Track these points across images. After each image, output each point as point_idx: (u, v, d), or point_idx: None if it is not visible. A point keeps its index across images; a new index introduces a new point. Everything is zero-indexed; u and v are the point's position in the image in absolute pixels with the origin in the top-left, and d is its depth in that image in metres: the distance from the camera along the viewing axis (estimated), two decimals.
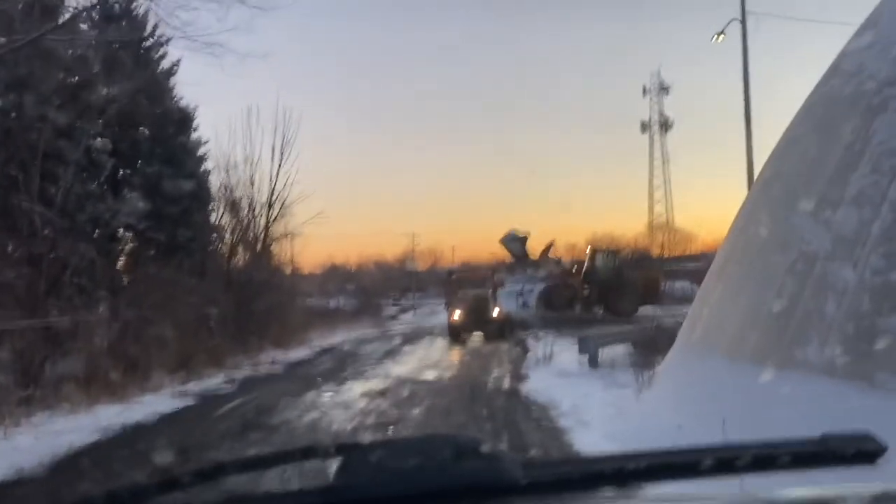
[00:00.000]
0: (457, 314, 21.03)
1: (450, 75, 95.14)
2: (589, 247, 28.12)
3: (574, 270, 26.96)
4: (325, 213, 22.40)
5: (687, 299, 34.54)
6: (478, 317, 20.58)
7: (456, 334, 20.90)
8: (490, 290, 22.21)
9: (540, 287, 26.73)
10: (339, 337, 23.94)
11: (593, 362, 12.07)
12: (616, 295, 25.34)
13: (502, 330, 20.30)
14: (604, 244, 30.12)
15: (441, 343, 21.27)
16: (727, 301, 7.25)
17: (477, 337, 21.06)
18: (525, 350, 16.53)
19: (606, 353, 12.30)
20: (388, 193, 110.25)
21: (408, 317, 53.05)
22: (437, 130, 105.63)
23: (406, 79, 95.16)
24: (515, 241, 28.26)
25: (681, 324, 9.47)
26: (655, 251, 42.13)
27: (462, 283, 22.86)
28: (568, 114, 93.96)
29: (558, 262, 28.21)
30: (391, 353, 17.66)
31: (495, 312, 21.16)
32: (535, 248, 29.31)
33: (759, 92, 37.15)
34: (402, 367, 14.36)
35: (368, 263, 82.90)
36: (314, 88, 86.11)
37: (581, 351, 12.67)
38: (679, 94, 64.00)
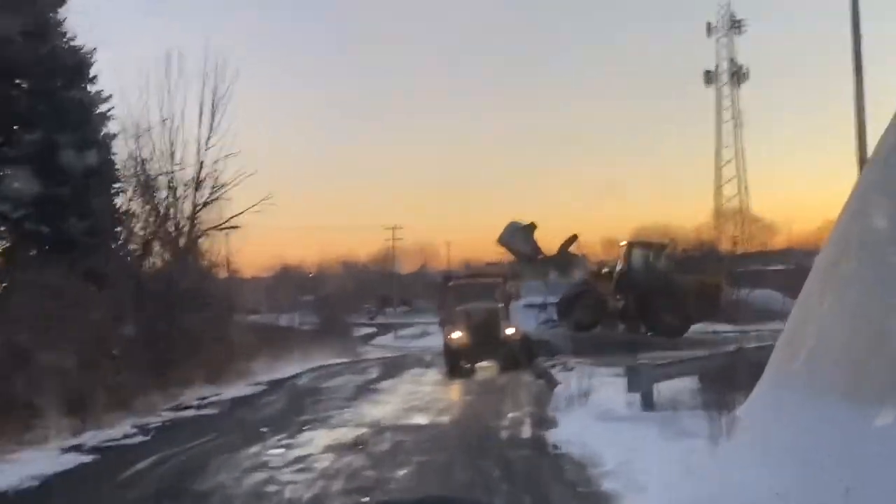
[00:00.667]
0: (456, 335, 21.05)
1: (443, 21, 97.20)
2: (624, 242, 27.89)
3: (603, 273, 26.90)
4: (273, 197, 22.05)
5: (768, 312, 34.96)
6: (485, 338, 20.63)
7: (455, 362, 21.00)
8: (501, 302, 22.17)
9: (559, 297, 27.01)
10: (295, 367, 23.87)
11: (647, 402, 12.01)
12: (659, 306, 25.35)
13: (518, 356, 20.43)
14: (647, 238, 30.32)
15: (435, 375, 21.19)
16: (842, 317, 6.94)
17: (484, 366, 21.13)
18: (551, 384, 16.63)
19: (664, 388, 12.20)
20: (362, 175, 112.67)
21: (388, 338, 52.72)
22: (428, 95, 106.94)
23: (385, 26, 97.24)
24: (517, 235, 27.85)
25: (765, 347, 9.31)
26: (724, 247, 42.02)
27: (463, 292, 22.72)
28: (601, 67, 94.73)
29: (582, 261, 27.90)
30: (366, 390, 17.82)
31: (509, 331, 21.26)
32: (548, 244, 29.17)
33: (873, 32, 36.28)
34: (382, 409, 14.45)
35: (334, 265, 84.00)
36: (260, 36, 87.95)
37: (631, 386, 12.45)
38: (756, 35, 64.04)
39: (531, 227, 27.18)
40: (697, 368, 12.90)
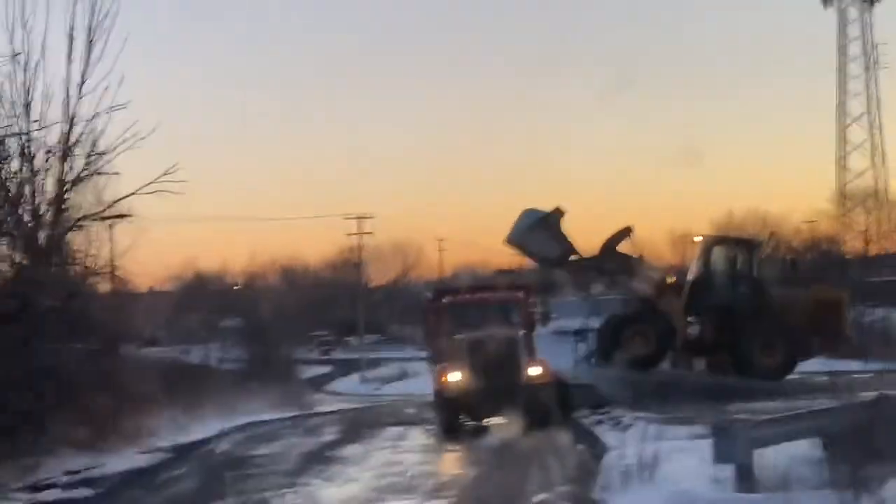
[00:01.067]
0: (454, 377, 21.18)
1: None
2: (700, 238, 27.82)
3: (669, 285, 26.91)
4: (182, 173, 21.58)
5: None
6: (497, 381, 20.79)
7: (452, 418, 21.18)
8: (521, 328, 22.30)
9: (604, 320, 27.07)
10: (213, 425, 23.81)
11: (745, 478, 11.93)
12: (753, 334, 25.39)
13: (547, 407, 20.53)
14: (735, 233, 30.49)
15: (422, 437, 21.24)
16: None
17: (496, 423, 21.10)
18: (596, 449, 16.70)
19: (770, 457, 12.09)
20: (313, 148, 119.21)
21: (351, 382, 53.15)
22: (412, 48, 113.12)
23: None
24: (536, 229, 27.46)
25: None
26: (850, 246, 41.98)
27: (464, 313, 22.90)
28: None
29: (638, 265, 27.81)
30: (319, 461, 17.83)
31: (533, 371, 21.34)
32: (586, 243, 28.84)
33: None
34: (344, 491, 14.46)
35: (271, 274, 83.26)
36: None
37: (719, 454, 12.24)
38: None
39: (556, 215, 26.65)
40: (819, 427, 12.82)
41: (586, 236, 29.20)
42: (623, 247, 26.92)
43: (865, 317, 33.16)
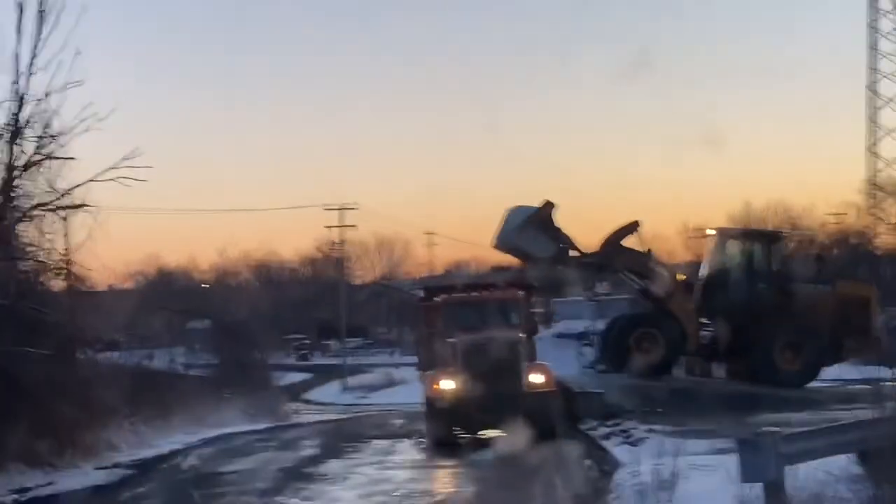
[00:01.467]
0: (447, 384, 20.83)
1: None
2: (713, 231, 27.49)
3: (681, 283, 26.47)
4: (145, 158, 20.95)
5: None
6: (496, 390, 20.38)
7: (445, 430, 20.90)
8: (522, 330, 21.86)
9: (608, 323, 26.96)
10: (179, 437, 23.75)
11: (775, 499, 11.43)
12: (773, 336, 25.01)
13: (548, 418, 20.05)
14: (752, 226, 30.53)
15: (412, 451, 21.15)
16: None
17: (493, 435, 20.71)
18: (606, 465, 16.75)
19: (803, 474, 11.68)
20: (291, 134, 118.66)
21: (331, 390, 53.07)
22: (402, 29, 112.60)
23: None
24: (526, 228, 26.67)
25: None
26: (882, 241, 41.14)
27: (458, 314, 22.38)
28: None
29: (647, 262, 27.04)
30: (298, 479, 17.57)
31: (535, 379, 20.95)
32: (591, 239, 28.23)
33: None
34: None
35: (243, 272, 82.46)
36: None
37: (746, 472, 11.69)
38: None
39: (547, 209, 25.84)
40: (860, 440, 12.44)
41: (590, 233, 28.73)
42: (629, 242, 26.42)
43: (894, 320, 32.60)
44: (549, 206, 25.56)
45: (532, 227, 25.36)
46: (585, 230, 28.90)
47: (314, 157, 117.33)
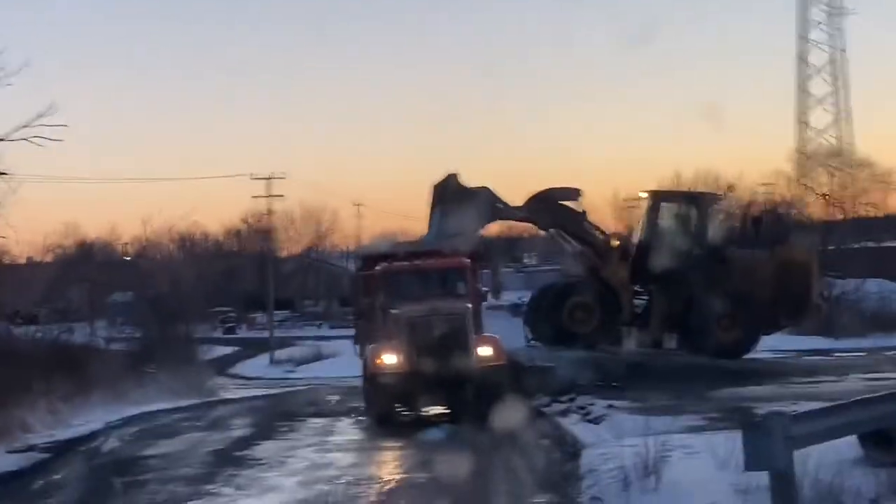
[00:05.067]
0: (390, 358, 20.24)
1: None
2: (645, 193, 27.09)
3: (612, 248, 26.08)
4: (58, 116, 19.87)
5: (886, 317, 34.56)
6: (441, 364, 19.90)
7: (387, 407, 20.52)
8: (468, 301, 21.18)
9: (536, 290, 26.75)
10: (100, 416, 23.20)
11: (786, 489, 10.92)
12: (711, 304, 24.72)
13: (498, 393, 19.48)
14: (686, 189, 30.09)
15: (352, 430, 20.91)
16: None
17: (438, 412, 20.69)
18: (567, 445, 16.38)
19: (810, 458, 11.35)
20: (216, 100, 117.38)
21: (259, 364, 52.66)
22: None
23: None
24: (448, 210, 26.10)
25: None
26: (812, 210, 41.43)
27: (401, 283, 21.70)
28: None
29: (581, 221, 26.57)
30: (230, 464, 17.03)
31: (483, 352, 20.39)
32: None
33: None
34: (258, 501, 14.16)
35: (166, 243, 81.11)
36: None
37: (752, 458, 11.08)
38: None
39: (452, 179, 25.35)
40: (881, 417, 12.09)
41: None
42: (579, 205, 26.27)
43: (831, 288, 32.69)
44: (452, 176, 25.09)
45: (453, 205, 24.83)
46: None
47: (241, 125, 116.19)
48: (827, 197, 42.99)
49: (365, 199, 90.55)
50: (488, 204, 25.28)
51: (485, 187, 25.38)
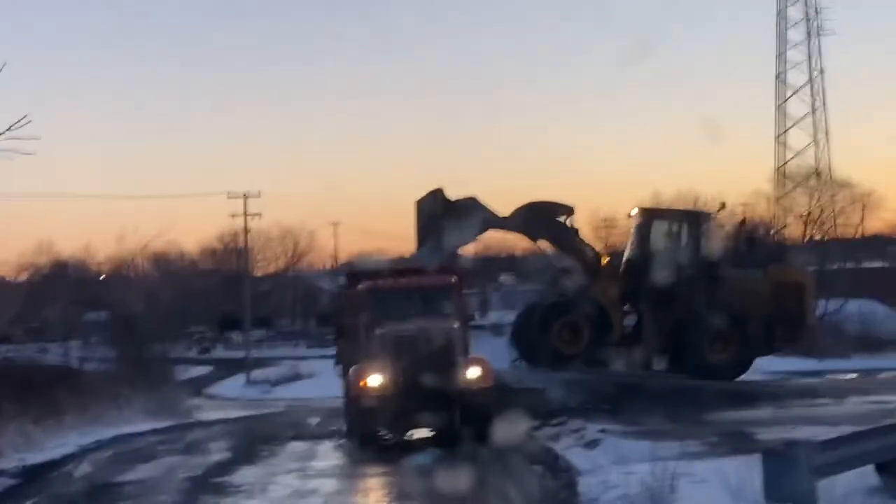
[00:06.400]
0: (373, 380, 19.83)
1: None
2: (636, 210, 26.74)
3: (602, 267, 25.74)
4: (32, 127, 19.35)
5: (869, 338, 34.82)
6: (427, 385, 19.48)
7: (369, 430, 20.22)
8: (456, 320, 20.88)
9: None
10: (73, 440, 22.96)
11: None
12: (703, 324, 24.37)
13: (487, 416, 19.17)
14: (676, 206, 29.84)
15: (333, 455, 20.56)
16: None
17: (423, 436, 20.41)
18: (561, 472, 16.02)
19: (824, 487, 11.17)
20: (193, 119, 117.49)
21: (235, 385, 52.39)
22: (299, 16, 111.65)
23: None
24: (439, 229, 25.84)
25: None
26: (791, 232, 41.50)
27: (385, 301, 21.31)
28: None
29: (574, 238, 26.25)
30: (206, 491, 16.74)
31: (471, 373, 20.07)
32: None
33: None
34: None
35: (141, 262, 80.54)
36: None
37: (772, 489, 11.05)
38: None
39: (439, 193, 24.97)
40: (889, 447, 11.98)
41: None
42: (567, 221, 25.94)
43: (825, 309, 32.94)
44: (439, 191, 24.71)
45: (443, 219, 24.53)
46: None
47: (218, 144, 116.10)
48: (806, 217, 43.12)
49: (343, 218, 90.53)
50: (479, 215, 24.94)
51: (472, 198, 24.95)
